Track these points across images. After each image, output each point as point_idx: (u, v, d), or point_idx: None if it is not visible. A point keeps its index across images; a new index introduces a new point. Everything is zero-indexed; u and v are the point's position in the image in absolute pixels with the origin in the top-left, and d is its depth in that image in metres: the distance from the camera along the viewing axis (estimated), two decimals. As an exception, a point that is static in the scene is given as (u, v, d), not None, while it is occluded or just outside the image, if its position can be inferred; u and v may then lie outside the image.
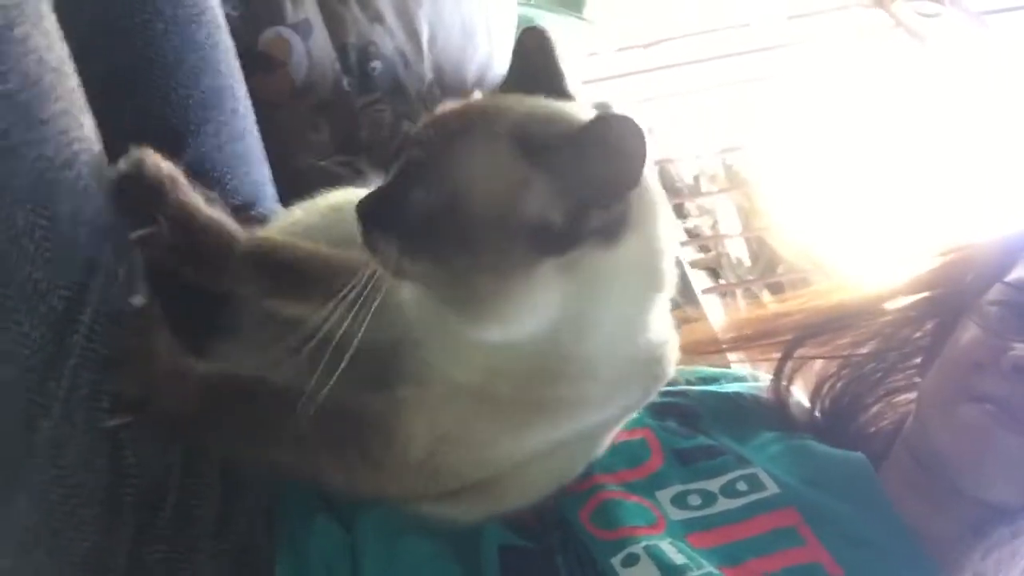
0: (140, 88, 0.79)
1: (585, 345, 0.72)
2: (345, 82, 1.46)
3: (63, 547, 0.69)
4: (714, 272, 2.51)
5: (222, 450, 0.80)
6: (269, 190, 1.01)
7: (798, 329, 1.07)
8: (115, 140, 0.78)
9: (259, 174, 0.99)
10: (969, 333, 0.92)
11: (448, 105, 0.73)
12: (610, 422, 0.85)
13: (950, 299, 0.99)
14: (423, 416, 0.76)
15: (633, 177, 0.66)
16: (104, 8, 0.85)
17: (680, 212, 2.59)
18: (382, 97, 1.52)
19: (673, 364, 0.82)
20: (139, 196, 0.76)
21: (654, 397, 0.85)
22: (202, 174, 0.89)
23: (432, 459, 0.76)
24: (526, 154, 0.67)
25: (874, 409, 1.05)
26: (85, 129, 0.73)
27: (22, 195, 0.65)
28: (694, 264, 2.40)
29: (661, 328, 0.78)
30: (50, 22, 0.70)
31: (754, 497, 0.89)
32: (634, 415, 0.94)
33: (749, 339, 1.14)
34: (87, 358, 0.69)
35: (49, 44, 0.69)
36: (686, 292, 1.96)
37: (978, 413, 0.87)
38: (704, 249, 2.53)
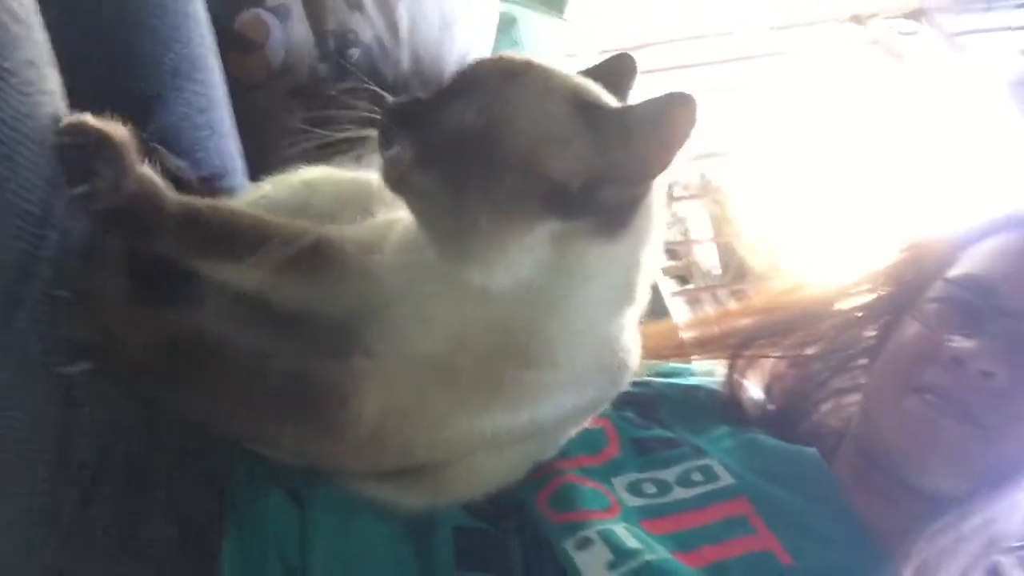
0: (110, 52, 0.77)
1: (550, 326, 0.72)
2: (322, 68, 1.46)
3: (9, 501, 0.67)
4: (684, 280, 2.52)
5: (180, 406, 0.78)
6: (238, 164, 1.00)
7: (751, 330, 1.09)
8: (84, 104, 0.76)
9: (228, 147, 0.98)
10: (911, 329, 0.94)
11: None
12: (563, 423, 0.84)
13: (893, 299, 1.01)
14: (377, 386, 0.75)
15: (666, 161, 0.68)
16: (77, -30, 0.84)
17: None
18: (359, 85, 1.52)
19: (631, 374, 0.82)
20: (78, 151, 0.73)
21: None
22: (170, 143, 0.88)
23: (382, 431, 0.75)
24: (578, 114, 0.68)
25: (824, 407, 1.06)
26: (50, 83, 0.72)
27: None
28: (666, 271, 2.42)
29: (626, 339, 0.79)
30: None
31: (708, 487, 0.90)
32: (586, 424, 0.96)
33: (708, 341, 1.15)
34: (41, 310, 0.68)
35: None
36: (655, 298, 1.97)
37: (921, 404, 0.89)
38: (675, 256, 2.54)
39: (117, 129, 0.75)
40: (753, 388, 1.10)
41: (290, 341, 0.74)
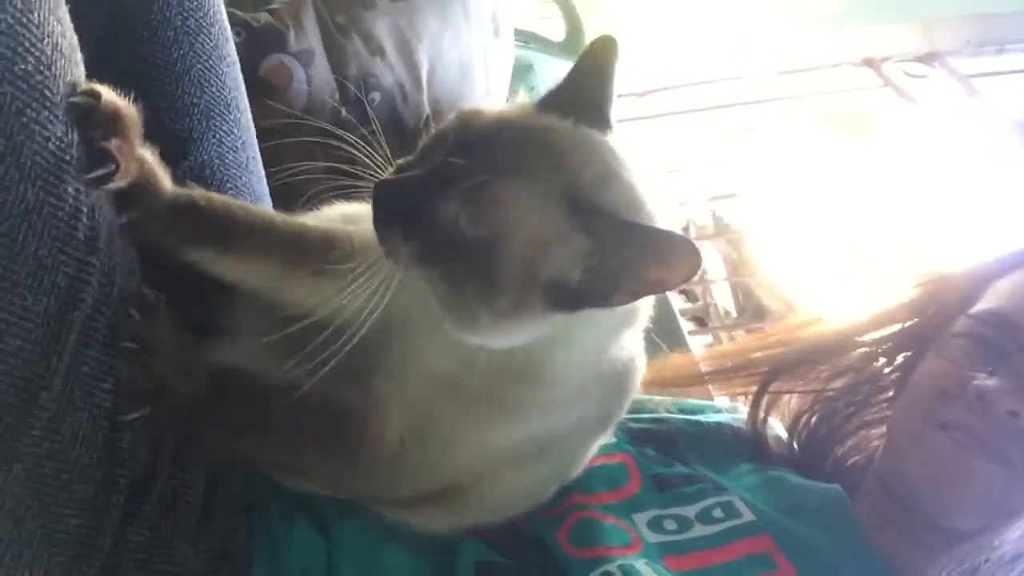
0: (146, 93, 0.80)
1: (552, 356, 0.74)
2: (343, 112, 1.49)
3: (52, 522, 0.68)
4: (701, 322, 2.53)
5: (220, 443, 0.80)
6: (267, 204, 1.03)
7: (773, 363, 1.09)
8: None
9: (258, 186, 1.00)
10: (935, 364, 0.94)
11: (506, 112, 0.73)
12: (576, 433, 0.84)
13: (917, 332, 1.01)
14: (397, 409, 0.77)
15: (667, 289, 0.69)
16: (116, 14, 0.87)
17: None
18: (379, 129, 1.55)
19: (637, 381, 0.84)
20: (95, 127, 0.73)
21: (626, 417, 0.87)
22: (202, 180, 0.90)
23: (403, 452, 0.77)
24: (575, 211, 0.67)
25: (849, 442, 1.06)
26: None
27: (34, 172, 0.65)
28: (683, 313, 2.43)
29: (629, 348, 0.81)
30: (64, 12, 0.71)
31: (729, 523, 0.90)
32: (611, 440, 0.96)
33: (727, 372, 1.15)
34: (89, 335, 0.70)
35: (63, 31, 0.70)
36: (675, 332, 1.98)
37: (947, 441, 0.88)
38: (691, 298, 2.55)
39: (129, 108, 0.76)
40: (777, 425, 1.10)
41: (314, 370, 0.75)
